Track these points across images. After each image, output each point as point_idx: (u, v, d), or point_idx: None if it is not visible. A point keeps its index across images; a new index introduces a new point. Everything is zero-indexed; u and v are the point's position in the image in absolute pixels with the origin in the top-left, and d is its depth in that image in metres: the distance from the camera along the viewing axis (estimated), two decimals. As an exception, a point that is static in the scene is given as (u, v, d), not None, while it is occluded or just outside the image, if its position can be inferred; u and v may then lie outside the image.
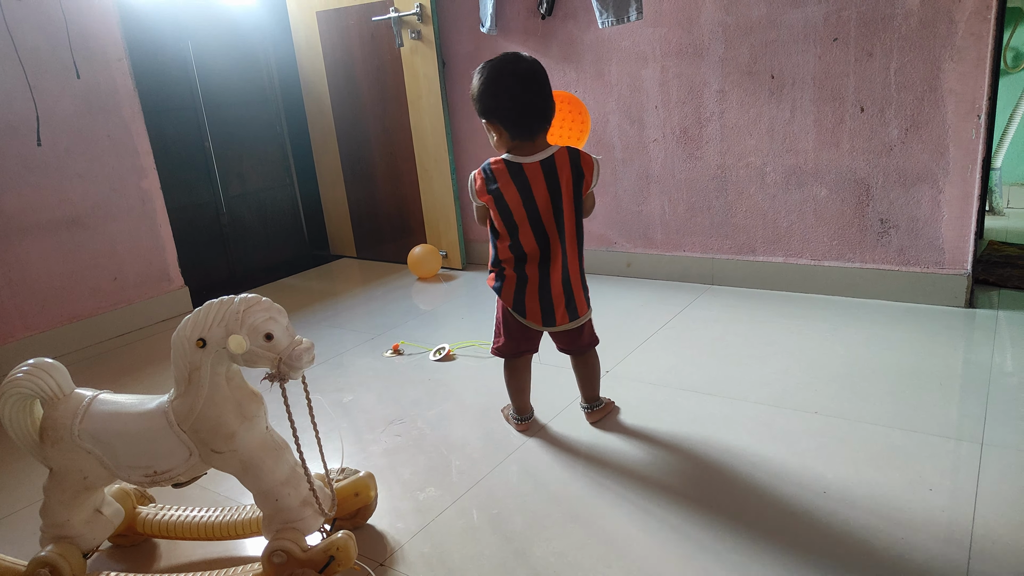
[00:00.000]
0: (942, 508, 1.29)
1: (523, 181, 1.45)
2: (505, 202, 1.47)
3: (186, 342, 1.11)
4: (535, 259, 1.51)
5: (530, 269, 1.52)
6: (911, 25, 2.07)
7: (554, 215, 1.47)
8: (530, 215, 1.47)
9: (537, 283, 1.52)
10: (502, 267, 1.56)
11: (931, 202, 2.18)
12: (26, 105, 2.38)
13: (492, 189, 1.47)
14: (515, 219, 1.48)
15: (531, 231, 1.48)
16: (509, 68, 1.42)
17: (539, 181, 1.46)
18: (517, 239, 1.50)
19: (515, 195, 1.46)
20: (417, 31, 2.97)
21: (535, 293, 1.53)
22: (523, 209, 1.47)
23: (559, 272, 1.51)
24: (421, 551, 1.31)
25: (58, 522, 1.18)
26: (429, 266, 3.11)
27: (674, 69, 2.52)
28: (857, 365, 1.89)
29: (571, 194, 1.48)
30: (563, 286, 1.53)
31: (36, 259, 2.47)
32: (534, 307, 1.54)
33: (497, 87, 1.42)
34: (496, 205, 1.48)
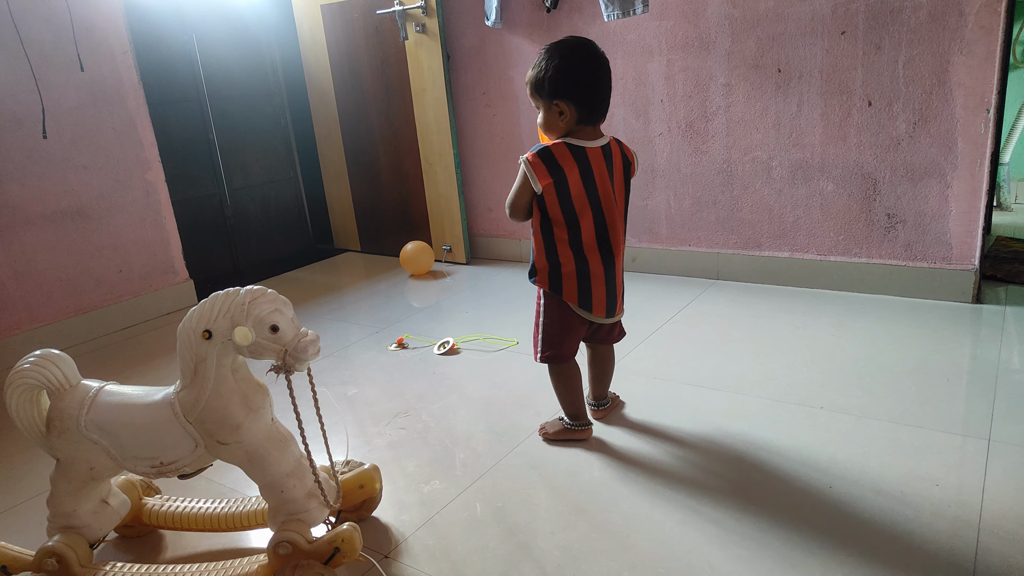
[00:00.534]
0: (949, 503, 1.29)
1: (587, 166, 1.42)
2: (568, 188, 1.42)
3: (192, 334, 1.11)
4: (595, 248, 1.47)
5: (592, 259, 1.47)
6: (920, 18, 2.06)
7: (614, 202, 1.46)
8: (592, 202, 1.44)
9: (603, 273, 1.49)
10: (559, 265, 1.48)
11: (939, 197, 2.17)
12: (31, 97, 2.38)
13: (555, 173, 1.41)
14: (576, 207, 1.43)
15: (592, 219, 1.44)
16: (589, 52, 1.41)
17: (601, 167, 1.44)
18: (578, 228, 1.45)
19: (578, 181, 1.42)
20: (422, 24, 2.96)
21: (601, 284, 1.49)
22: (585, 196, 1.43)
23: (621, 261, 1.52)
24: (425, 543, 1.31)
25: (65, 512, 1.18)
26: (422, 263, 3.09)
27: (680, 63, 2.51)
28: (863, 360, 1.88)
29: (623, 182, 1.49)
30: (622, 275, 1.55)
31: (41, 250, 2.47)
32: (600, 298, 1.50)
33: (578, 69, 1.39)
34: (557, 191, 1.42)
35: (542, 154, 1.41)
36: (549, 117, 1.43)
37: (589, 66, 1.41)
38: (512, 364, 2.07)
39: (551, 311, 1.53)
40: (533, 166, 1.41)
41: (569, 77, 1.39)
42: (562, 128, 1.43)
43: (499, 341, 2.24)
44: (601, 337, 1.61)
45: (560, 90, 1.40)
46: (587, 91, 1.40)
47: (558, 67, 1.39)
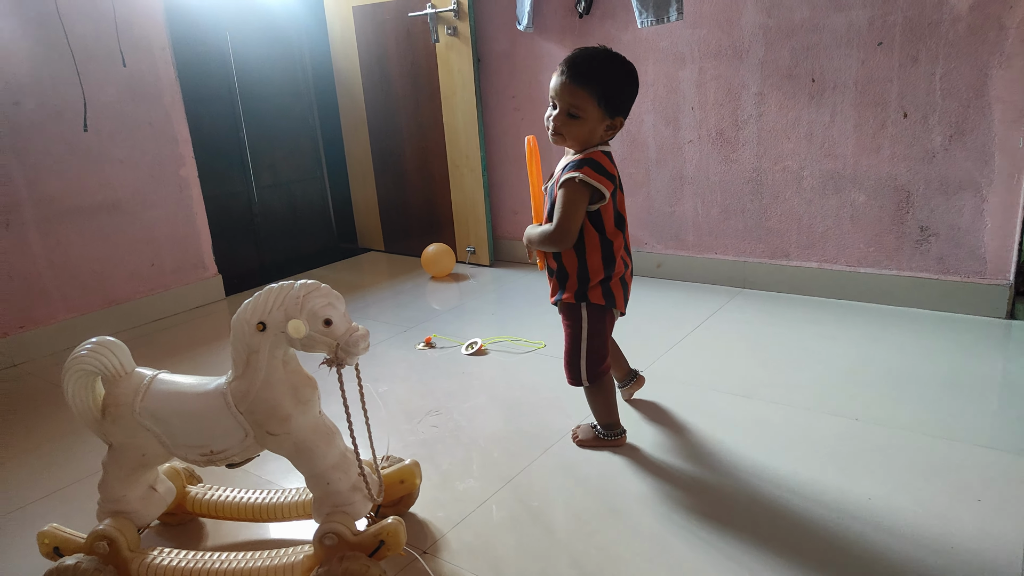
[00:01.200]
0: (992, 519, 1.29)
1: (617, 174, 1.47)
2: (617, 194, 1.46)
3: (246, 325, 1.13)
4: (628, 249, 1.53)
5: (628, 260, 1.53)
6: (959, 31, 2.06)
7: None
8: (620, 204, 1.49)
9: (631, 271, 1.55)
10: (611, 274, 1.48)
11: (973, 210, 2.17)
12: (74, 91, 2.42)
13: (612, 180, 1.42)
14: (624, 210, 1.49)
15: (626, 221, 1.50)
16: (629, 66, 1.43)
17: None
18: (625, 231, 1.50)
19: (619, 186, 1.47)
20: (453, 27, 2.99)
21: (629, 281, 1.55)
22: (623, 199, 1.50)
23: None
24: (464, 540, 1.33)
25: (115, 497, 1.21)
26: (443, 265, 3.09)
27: (712, 71, 2.52)
28: (895, 373, 1.88)
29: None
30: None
31: (78, 242, 2.51)
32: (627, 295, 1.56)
33: (635, 93, 1.44)
34: (614, 199, 1.44)
35: (594, 167, 1.39)
36: (595, 128, 1.40)
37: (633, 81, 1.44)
38: (541, 366, 2.08)
39: (596, 325, 1.51)
40: (595, 178, 1.39)
41: (631, 98, 1.43)
42: (596, 140, 1.43)
43: (527, 343, 2.25)
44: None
45: (625, 109, 1.42)
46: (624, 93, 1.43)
47: (631, 86, 1.41)
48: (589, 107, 1.38)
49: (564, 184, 1.41)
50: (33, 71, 2.34)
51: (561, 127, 1.41)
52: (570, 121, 1.40)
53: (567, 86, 1.39)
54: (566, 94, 1.39)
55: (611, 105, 1.39)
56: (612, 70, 1.39)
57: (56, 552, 1.21)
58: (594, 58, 1.39)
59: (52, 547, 1.21)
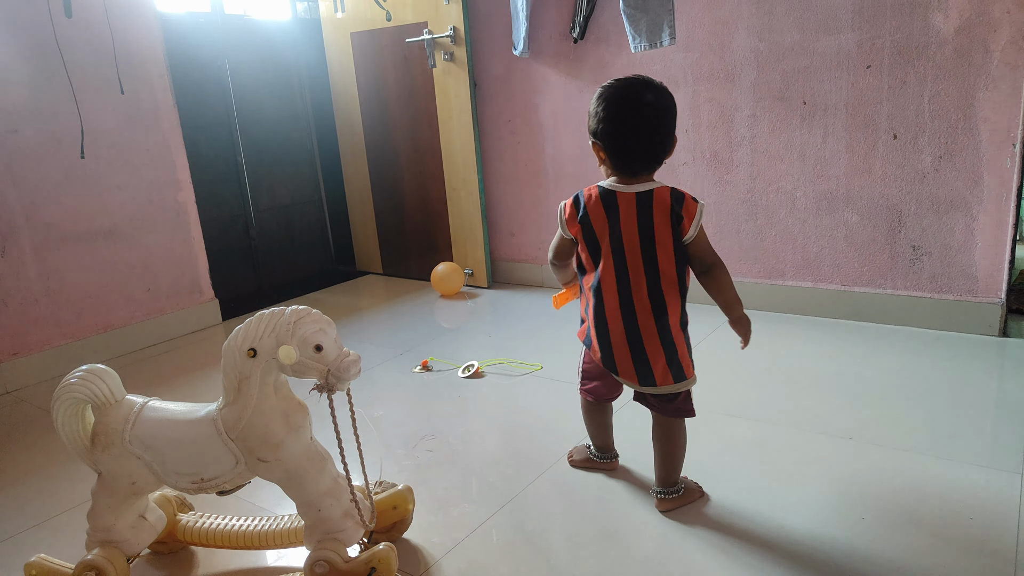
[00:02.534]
0: (984, 538, 1.28)
1: (615, 211, 1.31)
2: (593, 231, 1.33)
3: (237, 352, 1.13)
4: (616, 303, 1.34)
5: (612, 315, 1.34)
6: (946, 54, 2.09)
7: (642, 253, 1.31)
8: (614, 247, 1.32)
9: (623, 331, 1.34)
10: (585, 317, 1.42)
11: (965, 229, 2.18)
12: (71, 118, 2.45)
13: (581, 218, 1.33)
14: (601, 250, 1.33)
15: (613, 265, 1.32)
16: (631, 96, 1.26)
17: (631, 214, 1.30)
18: (598, 273, 1.34)
19: (604, 224, 1.32)
20: (450, 53, 3.02)
21: (623, 344, 1.35)
22: (608, 240, 1.32)
23: (653, 321, 1.33)
24: (457, 567, 1.32)
25: (104, 526, 1.20)
26: (452, 283, 3.13)
27: (705, 93, 2.54)
28: (890, 392, 1.88)
29: (668, 236, 1.29)
30: (661, 338, 1.34)
31: (74, 268, 2.52)
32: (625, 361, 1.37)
33: (610, 114, 1.27)
34: (584, 235, 1.35)
35: (575, 200, 1.36)
36: (597, 155, 1.34)
37: (620, 113, 1.27)
38: (537, 389, 2.08)
39: (586, 354, 1.48)
40: (565, 212, 1.37)
41: (601, 123, 1.28)
42: (606, 171, 1.35)
43: (524, 365, 2.25)
44: (653, 405, 1.43)
45: (593, 132, 1.31)
46: (611, 138, 1.28)
47: (595, 109, 1.30)
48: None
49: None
50: (31, 99, 2.36)
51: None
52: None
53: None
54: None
55: (589, 125, 1.32)
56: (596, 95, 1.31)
57: (44, 583, 1.20)
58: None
59: (41, 578, 1.20)
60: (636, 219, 1.30)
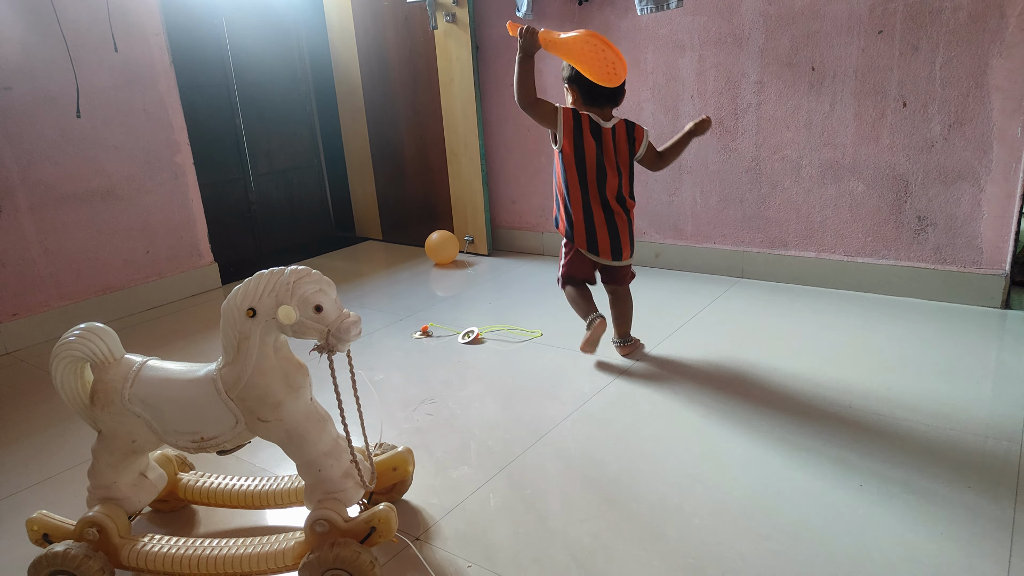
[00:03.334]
0: (982, 506, 1.28)
1: (599, 138, 1.83)
2: (583, 147, 1.83)
3: (236, 311, 1.12)
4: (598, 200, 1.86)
5: (595, 207, 1.87)
6: (960, 19, 2.04)
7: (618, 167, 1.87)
8: (598, 164, 1.84)
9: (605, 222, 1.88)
10: (570, 214, 1.89)
11: (971, 200, 2.15)
12: (66, 77, 2.40)
13: (575, 131, 1.82)
14: (587, 166, 1.83)
15: (596, 178, 1.85)
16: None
17: (609, 141, 1.84)
18: (584, 183, 1.85)
19: (592, 146, 1.83)
20: (452, 14, 2.96)
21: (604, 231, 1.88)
22: (595, 158, 1.84)
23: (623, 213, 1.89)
24: (456, 527, 1.32)
25: (105, 484, 1.20)
26: (447, 252, 3.10)
27: (712, 58, 2.50)
28: (891, 362, 1.88)
29: (628, 154, 1.88)
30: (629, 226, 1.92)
31: (72, 229, 2.50)
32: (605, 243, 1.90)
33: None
34: (573, 144, 1.83)
35: (574, 114, 1.83)
36: (567, 95, 1.88)
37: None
38: (537, 355, 2.07)
39: (567, 247, 1.94)
40: (562, 114, 1.82)
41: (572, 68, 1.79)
42: (576, 105, 1.86)
43: (524, 332, 2.24)
44: (614, 278, 1.97)
45: (567, 77, 1.84)
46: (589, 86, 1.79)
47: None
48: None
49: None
50: (25, 56, 2.31)
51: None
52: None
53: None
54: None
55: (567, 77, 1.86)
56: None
57: (45, 539, 1.20)
58: None
59: (41, 534, 1.21)
60: (613, 145, 1.86)
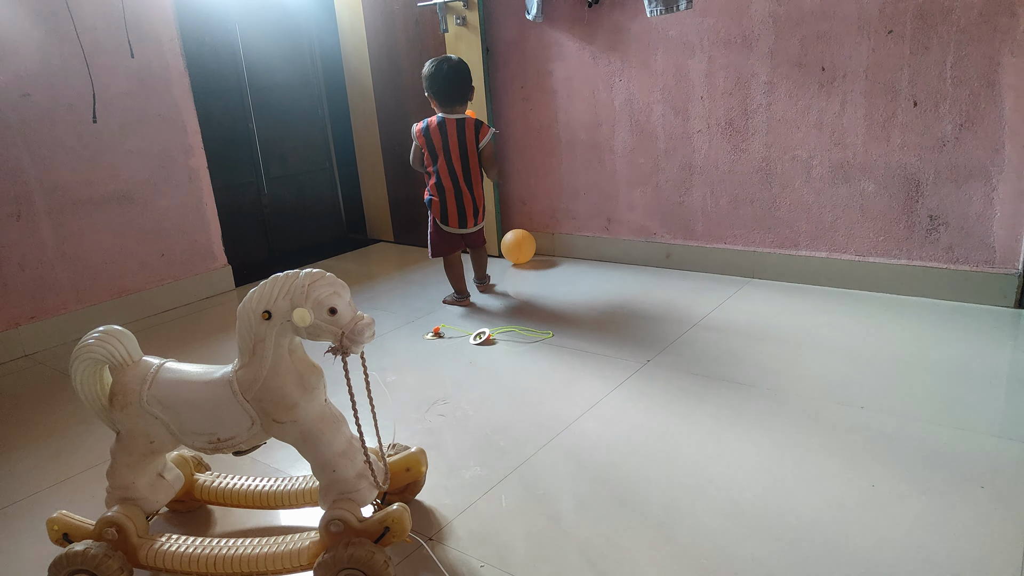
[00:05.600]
0: (995, 507, 1.28)
1: (445, 131, 2.42)
2: (433, 143, 2.43)
3: (252, 314, 1.14)
4: (458, 181, 2.45)
5: (457, 187, 2.46)
6: (970, 18, 2.03)
7: (466, 153, 2.44)
8: (449, 152, 2.42)
9: (465, 196, 2.49)
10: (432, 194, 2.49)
11: (983, 199, 2.15)
12: (83, 82, 2.44)
13: (425, 135, 2.43)
14: (438, 155, 2.43)
15: (447, 163, 2.43)
16: (442, 68, 2.41)
17: (453, 132, 2.42)
18: (444, 169, 2.44)
19: (439, 138, 2.42)
20: (462, 17, 2.98)
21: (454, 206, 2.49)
22: (444, 148, 2.42)
23: (469, 190, 2.49)
24: (469, 527, 1.34)
25: (124, 484, 1.22)
26: (524, 251, 3.04)
27: (721, 59, 2.50)
28: (903, 362, 1.87)
29: (474, 143, 2.44)
30: (473, 200, 2.51)
31: (89, 233, 2.53)
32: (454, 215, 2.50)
33: (435, 79, 2.42)
34: (426, 145, 2.44)
35: (424, 126, 2.44)
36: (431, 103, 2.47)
37: (436, 77, 2.42)
38: (548, 356, 2.08)
39: (434, 224, 2.53)
40: (416, 134, 2.45)
41: (429, 83, 2.44)
42: (437, 110, 2.46)
43: (534, 333, 2.25)
44: (473, 241, 2.60)
45: (427, 89, 2.46)
46: (436, 91, 2.43)
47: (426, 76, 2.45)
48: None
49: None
50: (42, 63, 2.35)
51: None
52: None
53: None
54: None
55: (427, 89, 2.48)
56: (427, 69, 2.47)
57: (65, 538, 1.23)
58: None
59: (61, 533, 1.23)
60: (457, 135, 2.42)
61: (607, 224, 2.98)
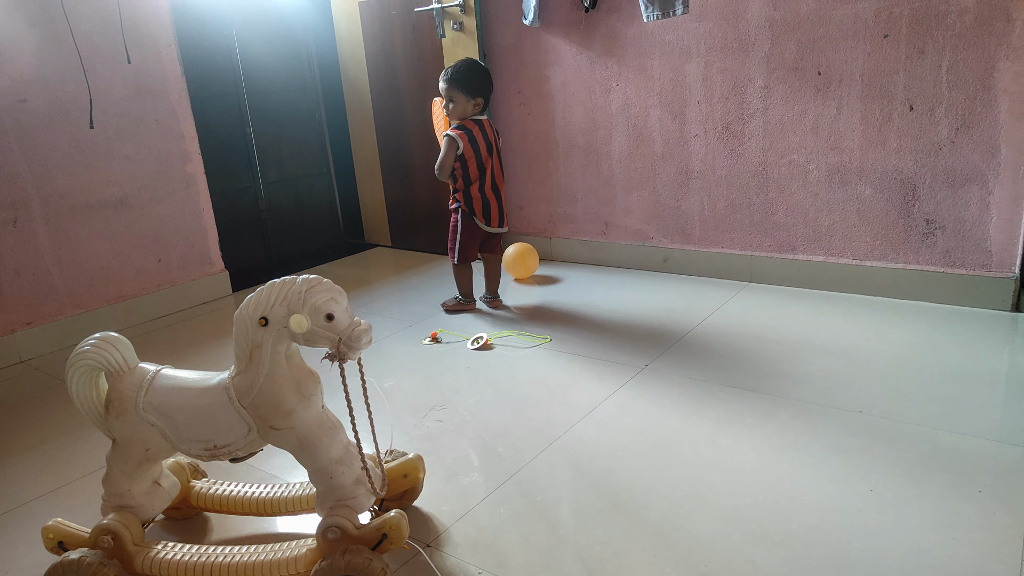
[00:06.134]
0: (994, 511, 1.28)
1: (486, 136, 2.41)
2: (478, 144, 2.39)
3: (248, 320, 1.13)
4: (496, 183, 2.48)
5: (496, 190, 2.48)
6: (966, 22, 2.04)
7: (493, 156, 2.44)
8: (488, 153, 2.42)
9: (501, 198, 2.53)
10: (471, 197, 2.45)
11: (980, 203, 2.15)
12: (80, 88, 2.44)
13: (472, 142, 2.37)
14: (483, 157, 2.40)
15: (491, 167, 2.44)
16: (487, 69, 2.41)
17: (492, 137, 2.44)
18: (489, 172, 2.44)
19: (483, 144, 2.39)
20: (459, 22, 2.98)
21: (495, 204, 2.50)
22: (489, 153, 2.42)
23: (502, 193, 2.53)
24: (467, 534, 1.33)
25: (120, 492, 1.21)
26: (527, 266, 2.87)
27: (718, 64, 2.50)
28: (901, 366, 1.87)
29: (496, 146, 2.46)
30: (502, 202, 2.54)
31: (85, 238, 2.53)
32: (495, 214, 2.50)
33: (487, 80, 2.39)
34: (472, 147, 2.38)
35: (469, 134, 2.36)
36: (465, 107, 2.36)
37: (488, 79, 2.39)
38: (546, 361, 2.08)
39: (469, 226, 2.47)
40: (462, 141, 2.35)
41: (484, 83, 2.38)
42: (469, 114, 2.38)
43: (532, 338, 2.25)
44: (492, 247, 2.54)
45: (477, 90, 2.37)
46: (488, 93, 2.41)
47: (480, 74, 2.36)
48: (457, 93, 2.35)
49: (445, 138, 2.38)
50: (39, 68, 2.35)
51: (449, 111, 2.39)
52: (449, 105, 2.38)
53: (443, 86, 2.36)
54: (444, 91, 2.36)
55: (469, 91, 2.35)
56: (465, 70, 2.34)
57: (60, 546, 1.22)
58: (455, 66, 2.35)
59: (56, 541, 1.22)
60: (493, 135, 2.44)
61: (604, 228, 2.98)
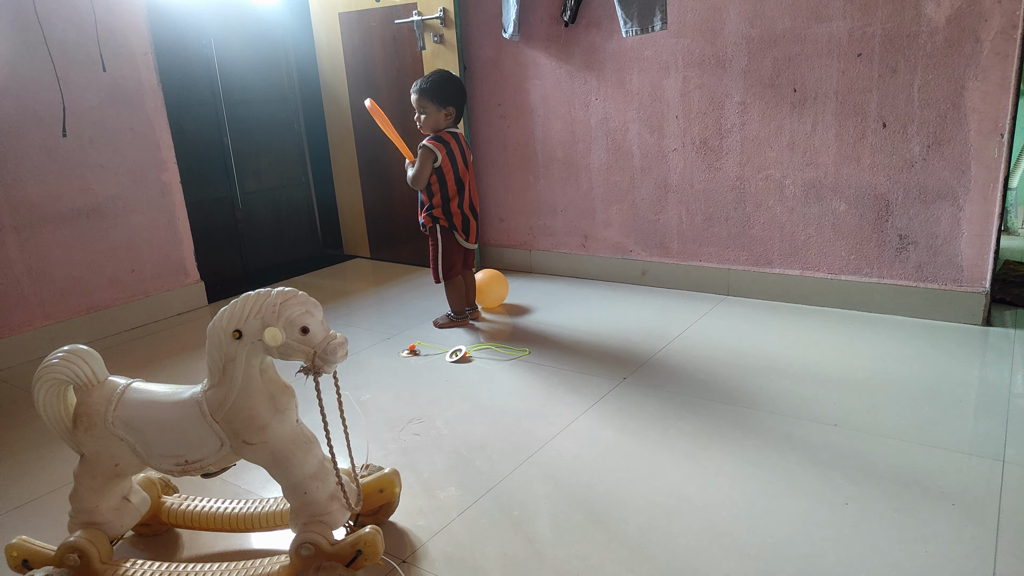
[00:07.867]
0: (965, 523, 1.30)
1: (460, 150, 2.37)
2: (455, 159, 2.35)
3: (222, 333, 1.12)
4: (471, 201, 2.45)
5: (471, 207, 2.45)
6: (936, 43, 2.09)
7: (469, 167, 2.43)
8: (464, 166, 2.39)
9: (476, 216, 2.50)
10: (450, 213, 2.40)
11: (951, 219, 2.19)
12: (53, 96, 2.40)
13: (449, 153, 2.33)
14: (459, 172, 2.36)
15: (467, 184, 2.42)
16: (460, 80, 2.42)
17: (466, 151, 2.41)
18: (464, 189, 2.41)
19: (459, 154, 2.36)
20: (439, 35, 2.99)
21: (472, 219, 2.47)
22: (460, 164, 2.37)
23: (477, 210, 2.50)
24: (443, 550, 1.32)
25: (87, 508, 1.19)
26: (496, 295, 2.67)
27: (696, 80, 2.53)
28: (874, 380, 1.90)
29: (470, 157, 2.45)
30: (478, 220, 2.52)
31: (56, 248, 2.48)
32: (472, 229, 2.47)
33: (461, 90, 2.35)
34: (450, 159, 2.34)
35: (445, 145, 2.31)
36: (438, 118, 2.32)
37: (461, 88, 2.35)
38: (525, 374, 2.08)
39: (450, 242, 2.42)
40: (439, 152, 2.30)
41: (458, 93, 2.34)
42: (440, 124, 2.33)
43: (511, 351, 2.25)
44: (468, 262, 2.52)
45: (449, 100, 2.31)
46: (461, 103, 2.36)
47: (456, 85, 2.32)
48: (429, 106, 2.31)
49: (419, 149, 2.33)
50: (11, 74, 2.31)
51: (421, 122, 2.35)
52: (422, 117, 2.33)
53: (414, 98, 2.32)
54: (415, 102, 2.32)
55: (440, 101, 2.30)
56: (436, 79, 2.29)
57: (25, 565, 1.19)
58: (425, 77, 2.30)
59: (21, 560, 1.19)
60: (468, 148, 2.43)
61: (584, 241, 2.99)
